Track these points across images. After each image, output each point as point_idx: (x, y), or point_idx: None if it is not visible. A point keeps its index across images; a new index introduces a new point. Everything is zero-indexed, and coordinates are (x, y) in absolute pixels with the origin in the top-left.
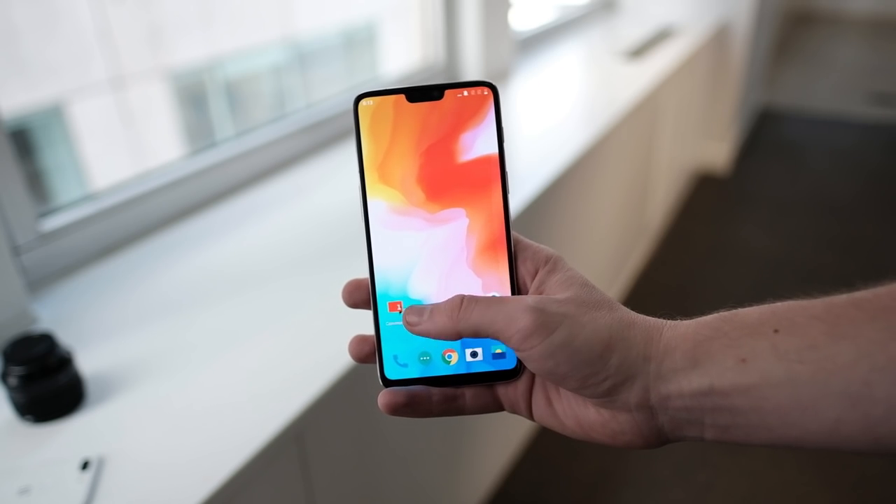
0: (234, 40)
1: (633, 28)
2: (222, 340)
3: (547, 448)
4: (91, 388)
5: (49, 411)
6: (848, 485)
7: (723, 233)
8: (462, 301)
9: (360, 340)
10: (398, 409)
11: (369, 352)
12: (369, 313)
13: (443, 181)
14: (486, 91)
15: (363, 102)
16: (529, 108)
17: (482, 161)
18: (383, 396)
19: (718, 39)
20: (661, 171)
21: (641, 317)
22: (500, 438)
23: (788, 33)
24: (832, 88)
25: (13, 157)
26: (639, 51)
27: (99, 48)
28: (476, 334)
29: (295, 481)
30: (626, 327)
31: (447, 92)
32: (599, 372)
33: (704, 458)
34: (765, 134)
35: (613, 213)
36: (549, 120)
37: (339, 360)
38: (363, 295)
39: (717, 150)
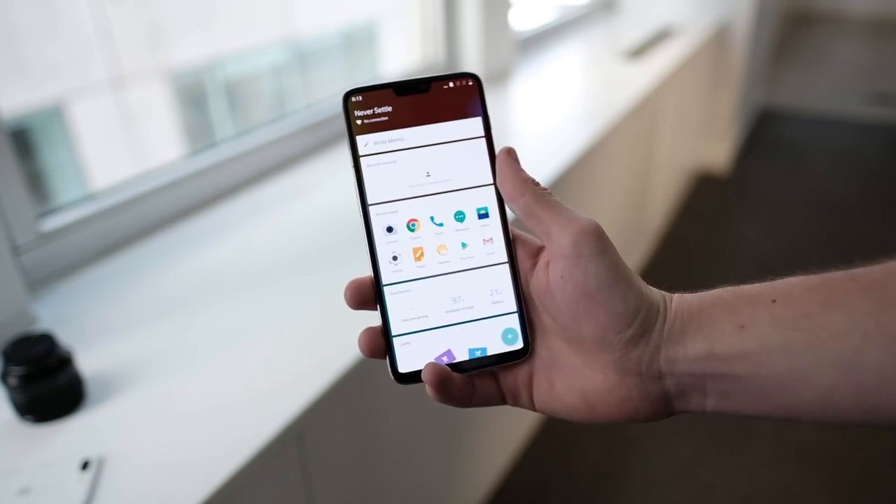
0: (234, 40)
1: (633, 28)
2: (222, 340)
3: (547, 448)
4: (91, 388)
5: (49, 411)
6: (848, 485)
7: (723, 233)
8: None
9: (371, 332)
10: (443, 383)
11: (381, 344)
12: (368, 313)
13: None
14: (471, 82)
15: (353, 98)
16: (529, 108)
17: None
18: (430, 369)
19: (718, 39)
20: (661, 171)
21: (654, 288)
22: (499, 438)
23: (788, 33)
24: (832, 88)
25: (13, 157)
26: (639, 51)
27: (99, 48)
28: (541, 217)
29: (295, 481)
30: (647, 288)
31: (433, 84)
32: (627, 316)
33: (704, 458)
34: (765, 134)
35: (614, 212)
36: (549, 120)
37: (339, 360)
38: (368, 292)
39: (717, 150)
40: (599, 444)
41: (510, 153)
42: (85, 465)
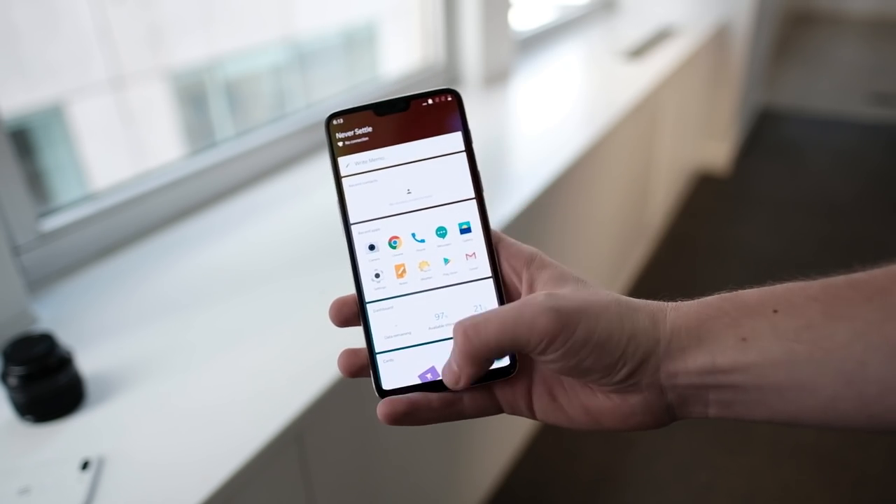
0: (234, 40)
1: (633, 28)
2: (222, 340)
3: (547, 448)
4: (91, 388)
5: (49, 411)
6: (848, 485)
7: (723, 233)
8: (466, 329)
9: (349, 354)
10: (399, 418)
11: (361, 364)
12: None
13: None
14: (450, 97)
15: (334, 121)
16: (529, 108)
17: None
18: (383, 406)
19: (718, 39)
20: (661, 171)
21: (642, 301)
22: (500, 438)
23: (788, 33)
24: (832, 88)
25: (13, 157)
26: (639, 51)
27: (99, 48)
28: (500, 352)
29: (295, 481)
30: (633, 312)
31: (413, 102)
32: (620, 360)
33: (704, 458)
34: (765, 134)
35: (613, 213)
36: (549, 120)
37: None
38: (351, 310)
39: (717, 150)
40: (599, 444)
41: (466, 332)
42: (85, 465)
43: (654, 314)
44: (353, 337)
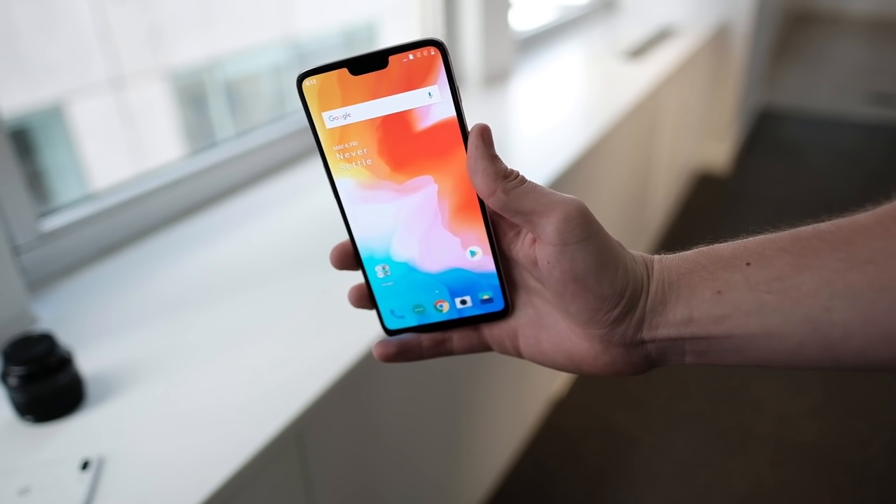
0: (234, 40)
1: (633, 28)
2: (223, 340)
3: (547, 448)
4: (91, 388)
5: (49, 411)
6: (848, 485)
7: (723, 233)
8: (513, 172)
9: (358, 288)
10: (392, 358)
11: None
12: (371, 314)
13: (404, 152)
14: (434, 51)
15: (306, 82)
16: (529, 108)
17: (441, 126)
18: (377, 348)
19: (718, 39)
20: (661, 171)
21: (636, 252)
22: (499, 438)
23: (788, 33)
24: (832, 88)
25: (13, 157)
26: (639, 51)
27: (99, 48)
28: (518, 210)
29: (295, 481)
30: (632, 261)
31: (391, 58)
32: (615, 296)
33: (704, 458)
34: (765, 134)
35: (614, 213)
36: (550, 120)
37: (339, 360)
38: (350, 259)
39: (717, 150)
40: (599, 443)
41: (482, 135)
42: (85, 465)
43: (645, 265)
44: (351, 336)
